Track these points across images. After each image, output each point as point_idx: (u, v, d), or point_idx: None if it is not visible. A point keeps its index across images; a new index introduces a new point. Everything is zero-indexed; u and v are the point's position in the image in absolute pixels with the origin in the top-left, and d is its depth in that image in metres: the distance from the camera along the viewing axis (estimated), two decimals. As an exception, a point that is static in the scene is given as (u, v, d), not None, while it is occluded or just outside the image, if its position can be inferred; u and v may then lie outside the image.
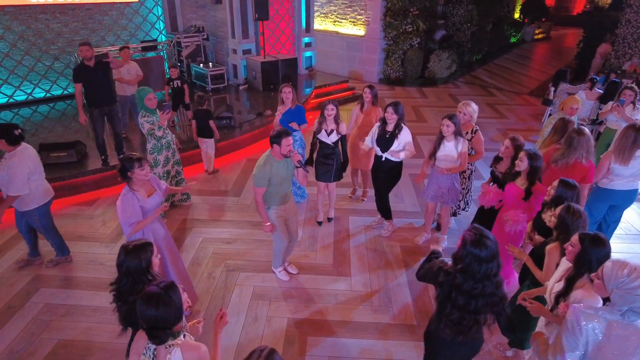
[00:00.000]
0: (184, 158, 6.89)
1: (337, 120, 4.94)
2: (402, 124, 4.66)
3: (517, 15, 17.00)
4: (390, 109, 4.59)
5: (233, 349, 3.67)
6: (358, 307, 4.15)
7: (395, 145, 4.63)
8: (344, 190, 6.21)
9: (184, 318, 2.18)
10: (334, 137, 4.99)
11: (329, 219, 5.54)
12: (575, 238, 2.44)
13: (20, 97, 9.10)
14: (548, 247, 2.88)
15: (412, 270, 4.64)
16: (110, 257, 4.82)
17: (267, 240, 4.95)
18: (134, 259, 2.53)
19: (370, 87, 5.49)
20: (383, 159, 4.79)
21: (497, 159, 4.19)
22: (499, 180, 4.05)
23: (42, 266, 4.67)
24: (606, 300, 2.08)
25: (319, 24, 13.11)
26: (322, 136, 5.01)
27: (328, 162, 5.12)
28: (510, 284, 4.16)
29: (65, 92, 9.51)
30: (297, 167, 3.94)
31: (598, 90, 7.81)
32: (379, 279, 4.52)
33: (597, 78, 8.01)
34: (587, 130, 4.03)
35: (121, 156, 3.39)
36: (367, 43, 12.27)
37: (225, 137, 7.45)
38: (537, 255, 3.12)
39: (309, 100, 9.76)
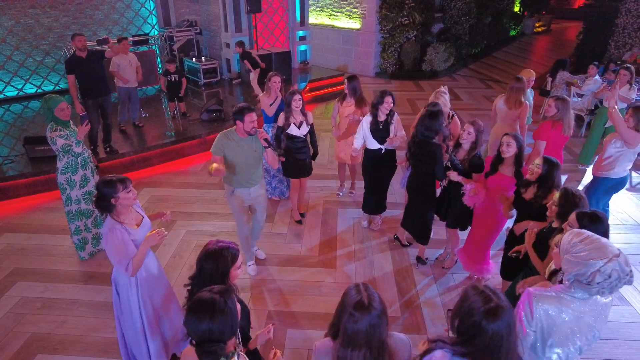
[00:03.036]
0: (173, 151, 6.83)
1: (303, 110, 4.76)
2: (392, 110, 4.53)
3: (516, 8, 16.77)
4: (389, 98, 4.41)
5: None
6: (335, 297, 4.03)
7: (392, 133, 4.50)
8: (333, 184, 6.09)
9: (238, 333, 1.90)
10: (304, 129, 4.77)
11: (302, 214, 5.33)
12: (572, 217, 2.41)
13: (10, 92, 9.02)
14: (554, 240, 2.72)
15: (398, 261, 4.52)
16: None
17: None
18: (211, 263, 2.15)
19: (350, 78, 5.20)
20: (383, 151, 4.57)
21: (457, 146, 3.96)
22: (459, 169, 3.85)
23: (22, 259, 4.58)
24: None
25: (314, 17, 12.97)
26: (293, 130, 4.73)
27: (300, 156, 4.88)
28: (486, 272, 4.12)
29: (57, 87, 9.42)
30: (265, 147, 3.72)
31: (598, 79, 7.67)
32: (364, 271, 4.40)
33: (597, 63, 7.84)
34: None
35: (97, 182, 2.71)
36: (363, 36, 12.11)
37: (215, 129, 7.34)
38: (538, 246, 3.01)
39: (303, 95, 9.63)
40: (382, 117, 4.48)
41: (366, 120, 4.57)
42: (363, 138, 4.60)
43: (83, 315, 3.87)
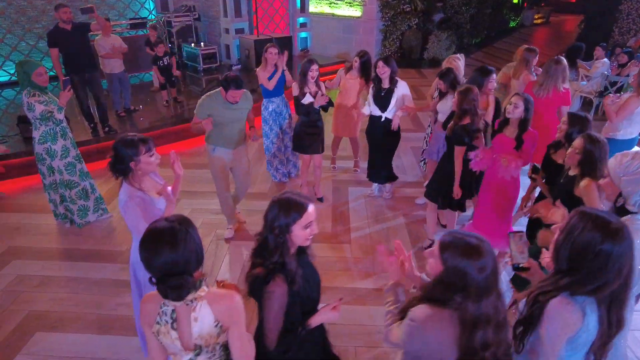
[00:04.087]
0: (172, 133, 6.59)
1: (317, 82, 4.51)
2: (397, 79, 4.37)
3: (516, 0, 16.69)
4: (380, 63, 4.32)
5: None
6: (351, 274, 3.83)
7: (394, 102, 4.33)
8: (342, 163, 5.88)
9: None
10: (320, 100, 4.46)
11: (319, 199, 4.96)
12: (579, 142, 2.56)
13: (3, 77, 8.73)
14: (583, 186, 2.55)
15: (415, 235, 4.33)
16: (89, 228, 4.50)
17: (259, 210, 4.61)
18: (273, 210, 1.75)
19: (362, 55, 4.96)
20: (383, 119, 4.47)
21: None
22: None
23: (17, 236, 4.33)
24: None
25: (314, 6, 12.74)
26: (308, 100, 4.44)
27: (314, 130, 4.60)
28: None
29: (51, 72, 9.10)
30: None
31: (606, 60, 7.54)
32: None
33: (605, 45, 7.70)
34: (564, 59, 4.37)
35: (116, 141, 2.30)
36: (364, 24, 11.91)
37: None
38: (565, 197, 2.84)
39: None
40: (385, 84, 4.34)
41: (371, 87, 4.57)
42: (367, 103, 4.58)
43: (82, 292, 3.63)
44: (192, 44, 9.80)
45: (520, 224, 3.80)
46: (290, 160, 5.48)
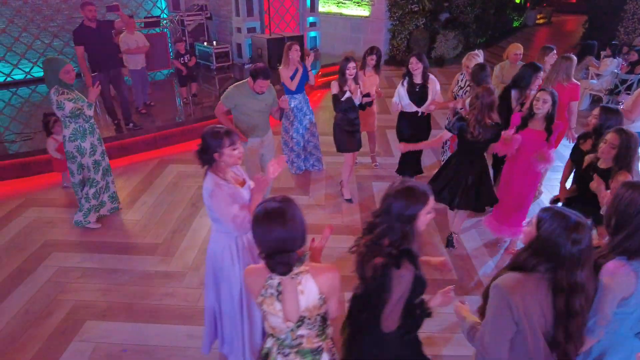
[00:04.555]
0: (193, 130, 6.66)
1: (357, 80, 4.53)
2: (428, 74, 4.52)
3: (518, 0, 16.86)
4: (414, 59, 4.46)
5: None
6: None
7: (431, 96, 4.47)
8: (361, 159, 5.98)
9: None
10: (357, 99, 4.56)
11: (348, 200, 4.93)
12: (613, 137, 2.72)
13: (18, 75, 8.76)
14: (621, 179, 2.67)
15: (445, 228, 4.44)
16: (124, 223, 4.58)
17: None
18: (400, 200, 1.78)
19: (375, 51, 5.08)
20: (419, 114, 4.58)
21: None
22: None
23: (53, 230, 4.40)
24: None
25: (322, 5, 12.85)
26: (347, 97, 4.48)
27: (354, 128, 4.64)
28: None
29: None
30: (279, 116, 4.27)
31: (617, 60, 7.68)
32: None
33: (617, 43, 7.85)
34: (573, 56, 4.47)
35: (204, 131, 2.35)
36: (372, 24, 12.03)
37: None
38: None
39: (316, 79, 9.52)
40: (418, 80, 4.46)
41: (400, 88, 4.63)
42: (399, 99, 4.62)
43: (125, 284, 3.71)
44: (205, 43, 9.87)
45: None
46: (313, 155, 5.58)
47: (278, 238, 1.59)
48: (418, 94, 4.48)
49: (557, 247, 1.56)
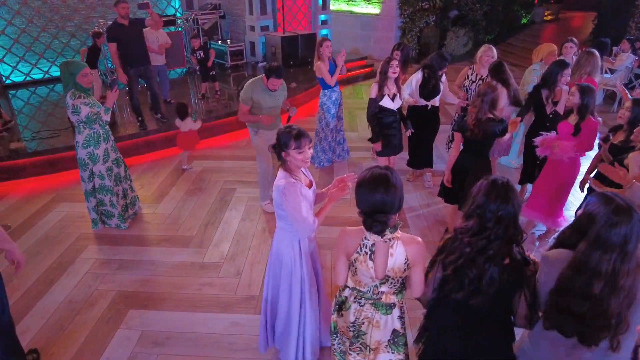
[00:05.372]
0: (215, 127, 6.74)
1: (398, 82, 4.35)
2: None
3: (526, -3, 16.86)
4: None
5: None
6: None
7: (442, 89, 4.64)
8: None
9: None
10: (397, 103, 4.35)
11: None
12: None
13: (37, 75, 8.87)
14: (632, 154, 2.76)
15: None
16: (154, 216, 4.67)
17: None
18: (504, 202, 1.75)
19: (401, 47, 5.14)
20: (429, 107, 4.69)
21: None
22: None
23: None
24: None
25: (332, 4, 12.92)
26: (386, 102, 4.26)
27: (392, 132, 4.47)
28: (563, 223, 4.07)
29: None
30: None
31: (632, 55, 7.71)
32: (439, 229, 4.37)
33: (632, 38, 7.88)
34: (596, 52, 4.48)
35: (280, 128, 2.45)
36: (382, 21, 12.10)
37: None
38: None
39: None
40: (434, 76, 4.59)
41: (417, 78, 4.67)
42: (410, 94, 4.68)
43: (164, 275, 3.80)
44: (219, 41, 9.96)
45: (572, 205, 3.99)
46: (340, 144, 5.70)
47: (379, 200, 1.82)
48: (431, 89, 4.58)
49: (591, 221, 1.62)
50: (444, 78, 4.70)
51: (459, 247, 1.84)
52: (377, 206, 1.83)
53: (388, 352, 2.07)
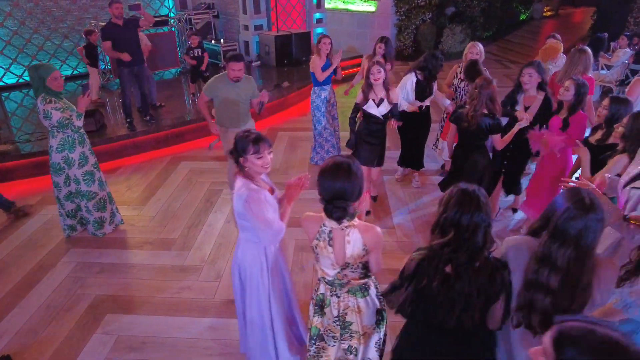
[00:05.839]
0: (204, 128, 6.68)
1: (386, 85, 4.05)
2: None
3: (525, -7, 16.71)
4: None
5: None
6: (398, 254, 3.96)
7: (434, 90, 4.55)
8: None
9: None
10: (384, 109, 4.05)
11: (367, 212, 4.50)
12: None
13: (29, 77, 8.86)
14: (616, 157, 2.70)
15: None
16: (139, 219, 4.63)
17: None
18: (478, 210, 1.69)
19: (386, 41, 5.08)
20: (423, 107, 4.62)
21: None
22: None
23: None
24: None
25: (328, 2, 12.85)
26: (370, 108, 4.05)
27: (374, 140, 4.20)
28: None
29: (75, 72, 9.29)
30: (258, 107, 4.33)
31: (628, 50, 7.61)
32: (426, 229, 4.32)
33: (629, 34, 7.78)
34: (588, 49, 4.39)
35: (238, 133, 2.30)
36: (378, 19, 12.02)
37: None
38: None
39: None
40: (421, 77, 4.53)
41: (411, 80, 4.56)
42: (405, 97, 4.56)
43: (144, 278, 3.77)
44: (212, 41, 9.92)
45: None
46: (334, 147, 5.68)
47: (340, 187, 1.86)
48: (425, 89, 4.51)
49: (553, 212, 1.66)
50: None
51: (438, 265, 1.73)
52: (338, 193, 1.88)
53: (376, 332, 2.18)
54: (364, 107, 4.08)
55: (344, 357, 2.20)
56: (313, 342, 2.24)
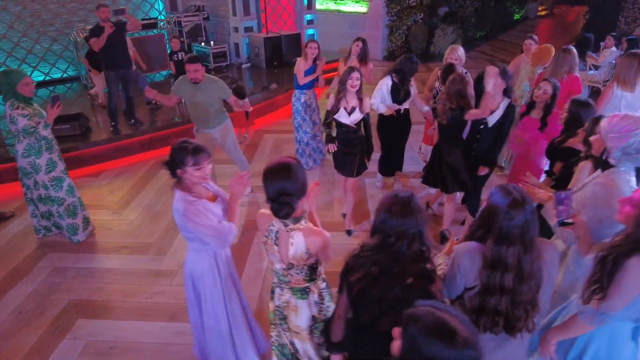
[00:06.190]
0: (190, 130, 6.69)
1: (359, 94, 3.85)
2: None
3: (519, -8, 16.71)
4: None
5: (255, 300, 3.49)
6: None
7: (412, 93, 4.53)
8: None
9: (306, 204, 2.11)
10: (356, 117, 3.86)
11: (348, 232, 4.38)
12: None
13: (19, 80, 8.88)
14: (580, 164, 2.70)
15: (433, 222, 4.45)
16: (119, 223, 4.64)
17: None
18: (405, 217, 1.70)
19: (363, 40, 5.21)
20: (402, 111, 4.60)
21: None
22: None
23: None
24: None
25: (320, 3, 12.86)
26: (341, 116, 3.85)
27: (347, 150, 3.99)
28: None
29: (65, 74, 9.30)
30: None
31: (615, 50, 7.61)
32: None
33: (615, 34, 7.77)
34: (573, 49, 4.47)
35: (174, 143, 2.25)
36: (370, 20, 12.02)
37: (229, 108, 7.27)
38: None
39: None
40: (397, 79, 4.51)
41: (386, 83, 4.52)
42: (382, 100, 4.54)
43: (118, 282, 3.79)
44: (202, 43, 9.93)
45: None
46: (316, 151, 5.68)
47: (282, 186, 1.92)
48: (402, 93, 4.49)
49: (494, 216, 1.72)
50: (412, 81, 4.59)
51: (365, 264, 1.79)
52: (282, 190, 1.93)
53: (314, 337, 2.21)
54: (335, 117, 3.88)
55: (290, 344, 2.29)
56: (273, 326, 2.34)
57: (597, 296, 1.78)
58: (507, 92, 3.66)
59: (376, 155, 5.44)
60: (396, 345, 1.20)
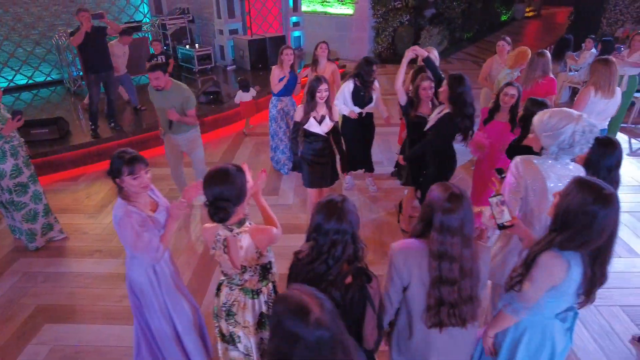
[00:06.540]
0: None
1: (329, 104, 3.83)
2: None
3: (506, -7, 16.81)
4: (375, 66, 4.45)
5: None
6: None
7: (375, 98, 4.56)
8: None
9: (246, 206, 2.12)
10: (326, 126, 3.82)
11: None
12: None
13: (2, 84, 8.85)
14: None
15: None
16: (94, 226, 4.65)
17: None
18: (338, 222, 1.75)
19: (324, 42, 5.28)
20: (364, 114, 4.63)
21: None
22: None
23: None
24: None
25: (306, 5, 12.89)
26: (312, 126, 3.77)
27: (322, 160, 3.94)
28: None
29: (49, 78, 9.27)
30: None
31: (594, 51, 7.69)
32: (373, 235, 4.35)
33: (594, 37, 7.86)
34: (547, 52, 4.58)
35: (114, 153, 2.29)
36: (356, 22, 12.06)
37: (213, 111, 7.28)
38: None
39: (301, 81, 9.56)
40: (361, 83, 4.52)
41: (348, 87, 4.52)
42: (344, 103, 4.57)
43: (88, 286, 3.79)
44: (187, 46, 9.94)
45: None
46: (290, 160, 5.69)
47: (219, 191, 1.94)
48: (363, 97, 4.51)
49: (432, 210, 1.78)
50: (376, 84, 4.60)
51: (301, 272, 1.82)
52: (219, 195, 1.94)
53: (258, 334, 2.26)
54: (305, 127, 3.78)
55: (231, 339, 2.33)
56: (216, 320, 2.37)
57: (516, 287, 1.87)
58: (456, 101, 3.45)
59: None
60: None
